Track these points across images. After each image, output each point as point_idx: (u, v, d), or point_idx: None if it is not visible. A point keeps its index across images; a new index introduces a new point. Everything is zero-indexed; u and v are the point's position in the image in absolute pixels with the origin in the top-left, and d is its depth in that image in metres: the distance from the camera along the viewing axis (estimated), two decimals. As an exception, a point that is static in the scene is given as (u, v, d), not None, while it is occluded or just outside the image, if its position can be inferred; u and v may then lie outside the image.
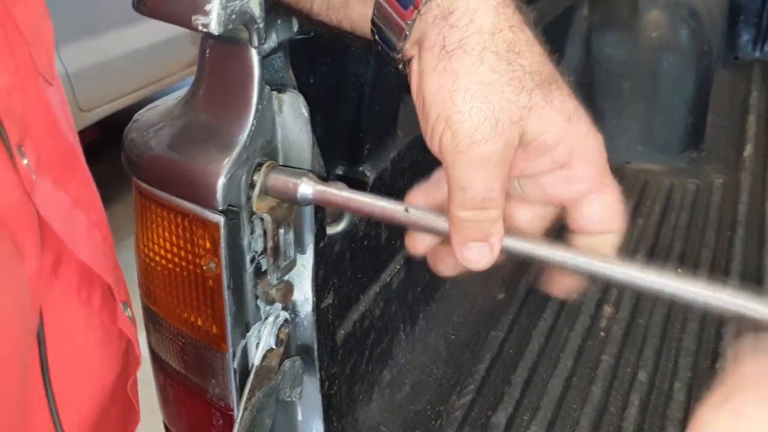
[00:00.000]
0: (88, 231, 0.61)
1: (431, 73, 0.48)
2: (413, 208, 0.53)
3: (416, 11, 0.48)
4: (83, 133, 2.59)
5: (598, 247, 0.52)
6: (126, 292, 0.67)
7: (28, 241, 0.54)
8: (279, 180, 0.58)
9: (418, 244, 0.55)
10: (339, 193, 0.56)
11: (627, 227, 0.52)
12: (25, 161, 0.52)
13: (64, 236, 0.58)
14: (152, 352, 0.71)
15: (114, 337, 0.67)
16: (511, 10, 0.48)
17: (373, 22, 0.51)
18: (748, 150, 1.77)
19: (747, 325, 0.42)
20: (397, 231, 1.02)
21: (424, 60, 0.48)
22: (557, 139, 0.48)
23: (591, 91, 1.78)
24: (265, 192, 0.59)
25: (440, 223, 0.51)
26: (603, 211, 0.51)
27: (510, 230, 0.50)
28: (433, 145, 0.49)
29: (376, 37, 0.52)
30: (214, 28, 0.50)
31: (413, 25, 0.49)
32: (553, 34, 1.69)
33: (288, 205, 0.60)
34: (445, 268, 0.55)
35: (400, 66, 0.52)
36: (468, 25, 0.47)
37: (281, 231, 0.61)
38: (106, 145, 2.86)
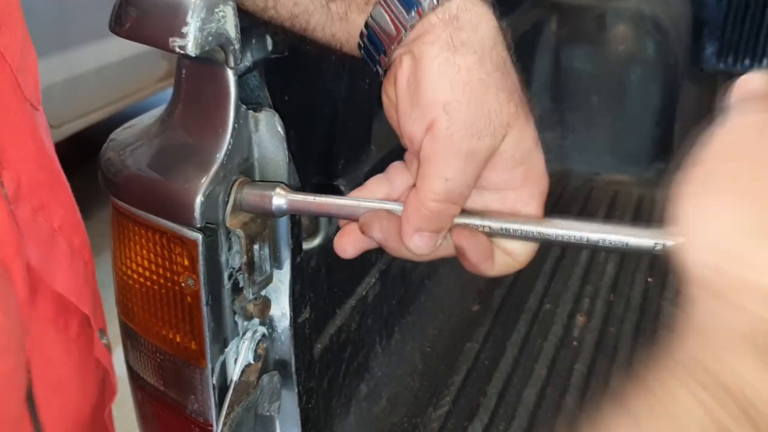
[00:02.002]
0: (70, 259, 0.61)
1: (432, 61, 0.49)
2: (390, 202, 0.54)
3: (417, 17, 0.50)
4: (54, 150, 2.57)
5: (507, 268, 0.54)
6: (103, 319, 0.67)
7: (17, 269, 0.53)
8: (252, 194, 0.59)
9: (348, 247, 0.56)
10: (312, 199, 0.57)
11: None
12: (2, 191, 0.52)
13: (40, 267, 0.57)
14: (130, 369, 0.71)
15: (91, 365, 0.66)
16: (503, 32, 0.51)
17: (366, 26, 0.52)
18: (714, 160, 1.80)
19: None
20: (372, 245, 1.03)
21: (426, 51, 0.49)
22: (524, 158, 0.50)
23: (560, 104, 1.81)
24: (240, 207, 0.59)
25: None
26: (524, 246, 0.53)
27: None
28: (418, 131, 0.50)
29: (365, 40, 0.53)
30: (191, 50, 0.51)
31: (413, 28, 0.50)
32: (523, 49, 1.71)
33: (261, 221, 0.61)
34: (352, 248, 0.56)
35: (381, 70, 0.54)
36: (473, 32, 0.49)
37: (255, 246, 0.61)
38: (78, 161, 2.85)
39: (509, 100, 0.49)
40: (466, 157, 0.48)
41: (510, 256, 0.53)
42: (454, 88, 0.48)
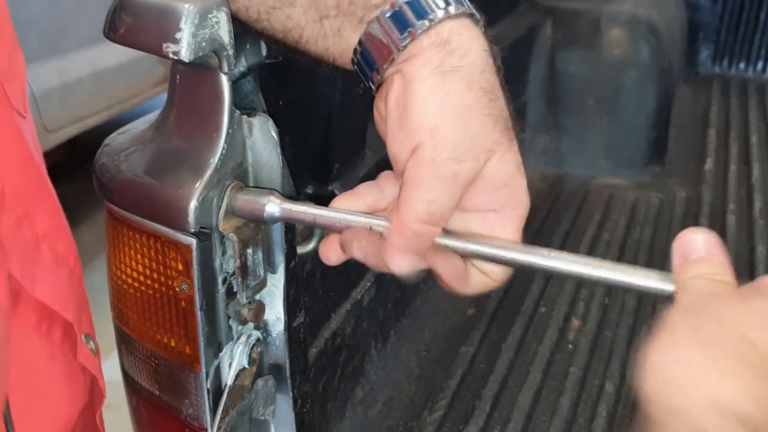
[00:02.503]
0: (54, 266, 0.61)
1: (422, 84, 0.50)
2: (379, 218, 0.54)
3: (409, 39, 0.50)
4: (49, 154, 2.57)
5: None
6: (89, 324, 0.66)
7: None
8: (246, 201, 0.59)
9: (331, 255, 0.56)
10: (306, 210, 0.57)
11: (594, 239, 0.55)
12: None
13: (20, 275, 0.57)
14: (125, 373, 0.71)
15: (78, 370, 0.66)
16: (492, 57, 0.52)
17: (360, 43, 0.53)
18: (709, 164, 1.81)
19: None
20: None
21: (416, 73, 0.50)
22: (505, 182, 0.51)
23: (556, 107, 1.81)
24: (232, 213, 0.60)
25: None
26: (501, 266, 0.53)
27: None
28: (403, 152, 0.50)
29: (358, 56, 0.53)
30: (185, 55, 0.51)
31: (405, 49, 0.51)
32: (518, 53, 1.72)
33: (254, 225, 0.61)
34: (335, 257, 0.56)
35: (374, 86, 0.54)
36: (463, 57, 0.50)
37: (249, 251, 0.61)
38: (73, 166, 2.85)
39: (495, 124, 0.50)
40: (448, 181, 0.49)
41: (486, 275, 0.55)
42: (442, 112, 0.49)
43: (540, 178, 1.79)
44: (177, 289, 0.60)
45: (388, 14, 0.51)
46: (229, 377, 0.64)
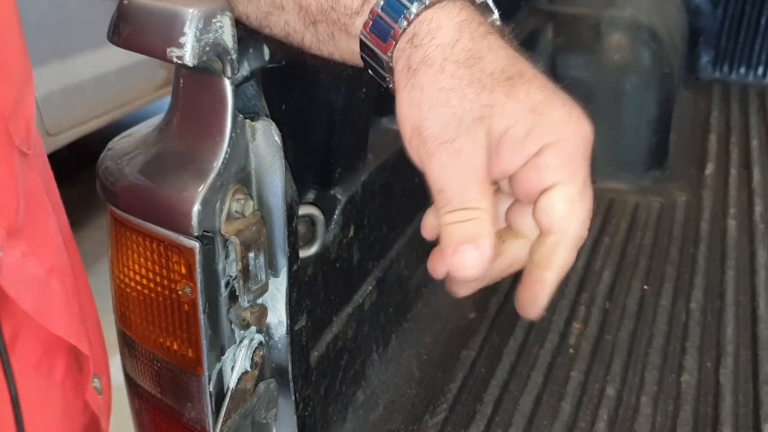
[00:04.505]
0: (65, 300, 0.60)
1: (401, 92, 0.50)
2: None
3: (394, 43, 0.50)
4: (51, 157, 2.57)
5: (544, 254, 0.49)
6: (104, 362, 0.65)
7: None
8: None
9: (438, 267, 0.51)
10: None
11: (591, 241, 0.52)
12: None
13: (32, 310, 0.56)
14: (127, 376, 0.72)
15: (76, 410, 0.64)
16: (476, 24, 0.50)
17: (361, 49, 0.53)
18: (710, 168, 1.81)
19: None
20: (369, 253, 1.03)
21: (397, 82, 0.51)
22: (525, 131, 0.48)
23: (557, 112, 1.81)
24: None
25: None
26: (559, 204, 0.48)
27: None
28: (414, 159, 0.50)
29: (368, 69, 0.54)
30: (189, 60, 0.51)
31: (392, 56, 0.51)
32: (519, 57, 1.72)
33: (257, 228, 0.62)
34: (461, 287, 0.53)
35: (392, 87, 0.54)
36: (430, 42, 0.49)
37: (251, 254, 0.62)
38: (75, 169, 2.85)
39: (479, 92, 0.48)
40: (448, 164, 0.48)
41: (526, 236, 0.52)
42: (422, 109, 0.49)
43: (541, 182, 1.78)
44: (180, 293, 0.60)
45: (369, 26, 0.51)
46: (231, 381, 0.64)
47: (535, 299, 0.50)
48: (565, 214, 0.48)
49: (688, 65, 2.28)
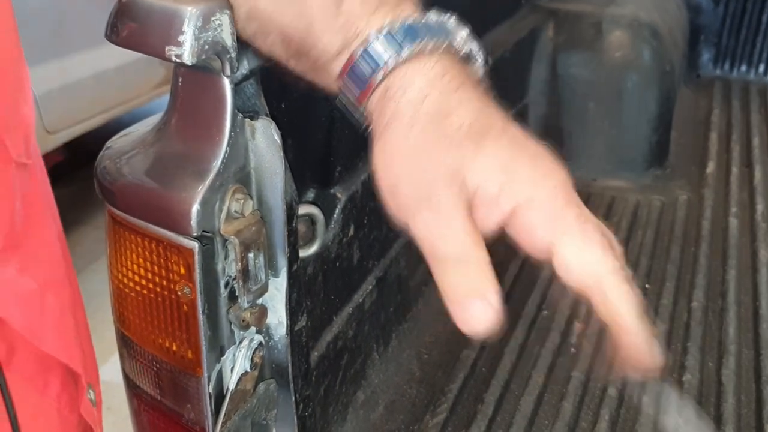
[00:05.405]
0: (59, 316, 0.59)
1: (375, 144, 0.50)
2: None
3: (369, 93, 0.50)
4: (50, 156, 2.57)
5: (608, 317, 0.47)
6: (93, 373, 0.65)
7: None
8: None
9: None
10: None
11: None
12: None
13: (24, 328, 0.55)
14: (126, 377, 0.71)
15: (72, 425, 0.64)
16: (449, 78, 0.49)
17: (338, 98, 0.53)
18: (711, 167, 1.81)
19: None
20: (370, 252, 1.03)
21: (372, 132, 0.50)
22: (496, 190, 0.47)
23: (557, 110, 1.81)
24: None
25: None
26: (573, 263, 0.46)
27: None
28: (394, 218, 0.50)
29: (348, 112, 0.54)
30: (187, 58, 0.51)
31: (366, 107, 0.51)
32: (520, 56, 1.72)
33: (256, 228, 0.61)
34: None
35: None
36: (402, 96, 0.48)
37: (250, 255, 0.61)
38: (73, 167, 2.84)
39: (448, 149, 0.47)
40: (430, 222, 0.47)
41: None
42: (394, 168, 0.49)
43: (541, 180, 1.78)
44: (179, 293, 0.59)
45: (347, 73, 0.51)
46: (231, 381, 0.64)
47: (644, 355, 0.49)
48: (585, 267, 0.46)
49: (689, 63, 2.27)
